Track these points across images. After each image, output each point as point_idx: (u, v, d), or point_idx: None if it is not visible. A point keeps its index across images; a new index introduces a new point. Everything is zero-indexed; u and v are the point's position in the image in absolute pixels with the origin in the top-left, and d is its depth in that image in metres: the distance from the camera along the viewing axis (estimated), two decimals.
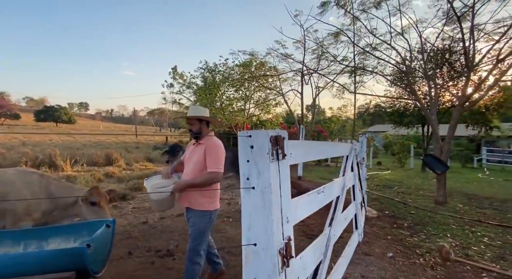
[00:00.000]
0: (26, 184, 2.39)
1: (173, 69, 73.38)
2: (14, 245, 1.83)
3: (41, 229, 2.04)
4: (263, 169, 1.25)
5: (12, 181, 2.37)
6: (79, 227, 2.05)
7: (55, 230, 1.99)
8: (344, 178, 2.55)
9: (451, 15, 6.50)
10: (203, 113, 2.26)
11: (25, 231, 1.96)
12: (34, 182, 2.44)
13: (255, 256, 1.24)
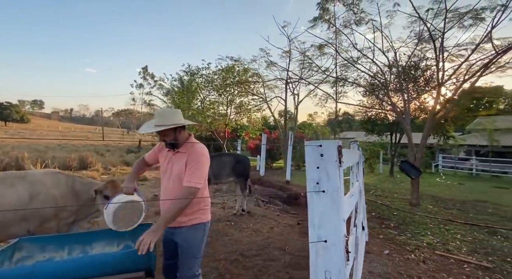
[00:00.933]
0: (55, 184, 2.40)
1: (144, 69, 70.74)
2: (58, 250, 1.78)
3: (84, 233, 1.98)
4: (332, 175, 1.43)
5: (43, 182, 2.35)
6: (118, 234, 2.04)
7: (98, 234, 1.95)
8: (359, 184, 2.82)
9: (422, 37, 7.32)
10: (174, 118, 1.75)
11: (69, 236, 1.91)
12: (61, 182, 2.44)
13: (326, 251, 1.41)
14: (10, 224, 2.20)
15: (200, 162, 1.71)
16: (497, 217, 5.89)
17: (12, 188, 2.25)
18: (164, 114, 1.76)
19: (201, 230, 1.80)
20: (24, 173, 2.42)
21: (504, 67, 6.08)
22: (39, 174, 2.44)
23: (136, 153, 15.85)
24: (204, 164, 1.75)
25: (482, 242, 4.18)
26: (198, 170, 1.69)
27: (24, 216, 2.21)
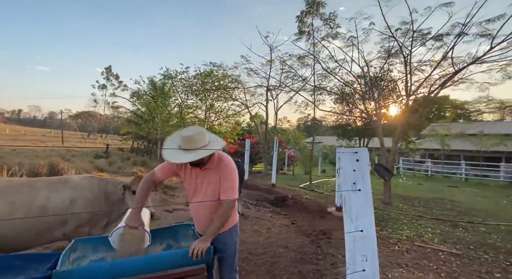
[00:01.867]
0: (91, 189, 2.48)
1: (107, 69, 66.64)
2: (108, 250, 1.84)
3: None
4: (366, 177, 1.74)
5: (82, 187, 2.44)
6: (162, 231, 2.15)
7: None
8: None
9: (391, 53, 8.17)
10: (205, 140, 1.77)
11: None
12: (95, 185, 2.52)
13: (362, 239, 1.70)
14: (53, 227, 2.28)
15: (233, 178, 1.80)
16: (455, 212, 6.78)
17: (57, 193, 2.35)
18: (195, 138, 1.72)
19: (234, 231, 1.96)
20: (65, 179, 2.52)
21: (457, 82, 7.08)
22: (78, 179, 2.53)
23: (107, 159, 15.05)
24: (236, 178, 1.84)
25: (448, 233, 4.84)
26: (233, 187, 1.79)
27: (64, 220, 2.32)
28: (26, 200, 2.22)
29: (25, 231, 2.15)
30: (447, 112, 22.40)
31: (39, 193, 2.30)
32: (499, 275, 3.22)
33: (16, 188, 2.28)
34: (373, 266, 1.68)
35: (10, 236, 2.11)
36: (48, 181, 2.46)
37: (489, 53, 5.71)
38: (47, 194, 2.31)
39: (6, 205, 2.15)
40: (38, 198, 2.27)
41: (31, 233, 2.18)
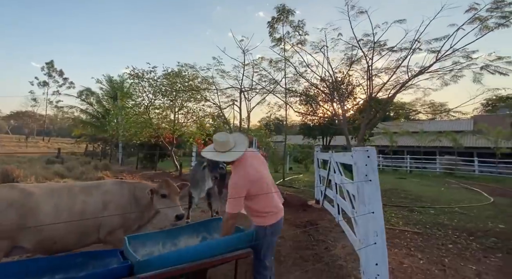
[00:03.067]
0: (121, 194, 2.57)
1: (48, 65, 59.45)
2: (155, 244, 1.98)
3: (170, 230, 2.22)
4: (375, 169, 2.20)
5: (112, 192, 2.54)
6: (197, 225, 2.34)
7: (180, 230, 2.22)
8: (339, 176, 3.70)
9: (354, 60, 9.13)
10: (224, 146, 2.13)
11: (160, 233, 2.12)
12: (126, 191, 2.61)
13: (374, 219, 2.16)
14: (91, 230, 2.38)
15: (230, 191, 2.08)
16: (409, 199, 7.90)
17: (91, 197, 2.46)
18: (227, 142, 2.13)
19: (263, 230, 2.16)
20: (97, 183, 2.65)
21: (408, 87, 8.28)
22: (109, 183, 2.64)
23: (62, 164, 13.75)
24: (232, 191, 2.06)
25: (408, 217, 5.74)
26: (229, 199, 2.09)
27: (99, 224, 2.41)
28: (68, 204, 2.33)
29: (68, 234, 2.27)
30: (392, 112, 25.20)
31: (78, 197, 2.40)
32: (451, 246, 4.03)
33: (59, 192, 2.39)
34: (382, 240, 2.14)
35: (57, 238, 2.22)
36: (84, 185, 2.58)
37: (434, 65, 6.84)
38: (84, 198, 2.42)
39: (52, 207, 2.27)
40: (77, 202, 2.37)
41: (72, 236, 2.29)
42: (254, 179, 2.10)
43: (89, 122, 21.58)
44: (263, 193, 2.14)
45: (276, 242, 3.80)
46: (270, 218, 2.18)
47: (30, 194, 2.29)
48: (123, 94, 14.31)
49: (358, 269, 3.10)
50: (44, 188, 2.46)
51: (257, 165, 2.22)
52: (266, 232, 2.16)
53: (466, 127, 23.15)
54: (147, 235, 2.07)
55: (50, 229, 2.21)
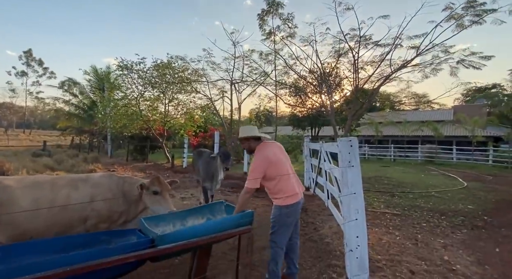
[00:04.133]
0: (110, 187, 2.57)
1: (26, 53, 56.56)
2: (167, 225, 2.26)
3: (179, 212, 2.49)
4: (357, 157, 2.54)
5: (101, 185, 2.55)
6: (200, 208, 2.64)
7: (187, 212, 2.51)
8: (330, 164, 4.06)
9: (341, 53, 9.45)
10: (248, 132, 2.58)
11: (170, 214, 2.39)
12: (113, 184, 2.61)
13: (355, 199, 2.51)
14: (75, 224, 2.43)
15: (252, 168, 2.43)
16: (391, 185, 8.47)
17: (77, 190, 2.48)
18: (245, 129, 2.63)
19: (278, 211, 2.46)
20: (86, 176, 2.64)
21: (394, 80, 8.72)
22: (97, 177, 2.65)
23: (49, 157, 13.58)
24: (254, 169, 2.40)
25: (389, 201, 6.25)
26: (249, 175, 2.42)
27: (85, 217, 2.44)
28: (49, 197, 2.32)
29: (47, 228, 2.24)
30: (378, 103, 25.98)
31: (61, 191, 2.40)
32: (425, 224, 4.53)
33: (41, 186, 2.38)
34: (362, 217, 2.50)
35: (33, 233, 2.21)
36: (71, 178, 2.59)
37: (415, 59, 7.25)
38: (69, 192, 2.41)
39: (31, 202, 2.26)
40: (59, 196, 2.36)
41: (53, 230, 2.26)
42: (272, 161, 2.42)
43: (75, 114, 21.11)
44: (280, 174, 2.44)
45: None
46: (286, 200, 2.44)
47: (6, 187, 2.26)
48: (111, 85, 14.12)
49: (343, 245, 3.52)
50: (26, 181, 2.42)
51: (276, 151, 2.55)
52: (281, 212, 2.43)
53: (446, 117, 24.23)
54: (159, 217, 2.34)
55: (27, 223, 2.18)
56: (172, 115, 13.78)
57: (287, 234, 2.50)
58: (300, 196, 2.55)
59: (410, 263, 3.04)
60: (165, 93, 12.72)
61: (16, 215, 2.15)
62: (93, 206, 2.44)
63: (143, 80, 12.64)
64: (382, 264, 2.99)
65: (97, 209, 2.46)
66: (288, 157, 2.73)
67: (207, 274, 2.62)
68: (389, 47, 7.63)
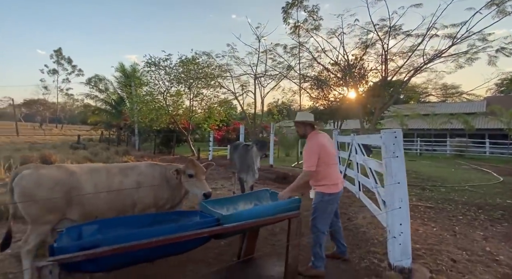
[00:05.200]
0: (154, 175, 2.73)
1: (57, 52, 59.69)
2: (221, 209, 2.48)
3: (231, 197, 2.74)
4: (401, 148, 2.61)
5: (146, 173, 2.72)
6: (248, 195, 2.85)
7: (238, 198, 2.74)
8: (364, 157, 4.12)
9: (368, 44, 9.26)
10: (306, 117, 2.77)
11: (223, 199, 2.65)
12: (157, 172, 2.77)
13: (399, 188, 2.60)
14: (128, 209, 2.62)
15: (306, 153, 2.61)
16: (420, 179, 8.30)
17: (127, 178, 2.67)
18: (301, 114, 2.82)
19: (320, 197, 2.63)
20: (133, 165, 2.85)
21: (424, 71, 8.45)
22: (143, 166, 2.83)
23: (85, 150, 14.50)
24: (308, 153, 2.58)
25: (420, 194, 6.18)
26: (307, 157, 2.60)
27: (134, 203, 2.63)
28: (106, 183, 2.56)
29: (107, 210, 2.52)
30: (402, 95, 24.97)
31: (115, 178, 2.61)
32: (461, 217, 4.48)
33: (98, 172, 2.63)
34: (406, 205, 2.59)
35: (97, 213, 2.49)
36: (121, 167, 2.80)
37: (449, 49, 6.99)
38: (121, 179, 2.62)
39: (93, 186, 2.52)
40: (115, 182, 2.59)
41: (111, 211, 2.51)
42: (324, 148, 2.59)
43: (104, 110, 22.20)
44: (328, 163, 2.61)
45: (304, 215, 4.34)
46: (329, 188, 2.61)
47: (73, 172, 2.51)
48: (139, 81, 14.73)
49: (379, 235, 3.61)
50: (85, 168, 2.66)
51: (326, 141, 2.71)
52: (323, 199, 2.60)
53: (478, 109, 22.93)
54: (215, 201, 2.57)
55: (92, 205, 2.44)
56: (196, 109, 14.19)
57: (328, 221, 2.68)
58: (341, 187, 2.71)
59: (451, 252, 3.08)
60: (190, 88, 13.09)
61: (84, 197, 2.44)
62: (139, 193, 2.62)
63: (169, 76, 13.07)
64: (422, 252, 3.06)
65: (143, 196, 2.64)
66: (333, 146, 2.89)
67: (254, 255, 2.84)
68: (421, 37, 7.39)
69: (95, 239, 1.62)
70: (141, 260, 1.90)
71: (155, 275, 2.51)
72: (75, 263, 1.54)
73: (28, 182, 2.40)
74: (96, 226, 1.99)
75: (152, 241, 1.61)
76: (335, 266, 2.82)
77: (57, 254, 1.49)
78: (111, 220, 2.14)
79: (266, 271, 2.72)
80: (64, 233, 1.79)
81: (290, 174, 7.76)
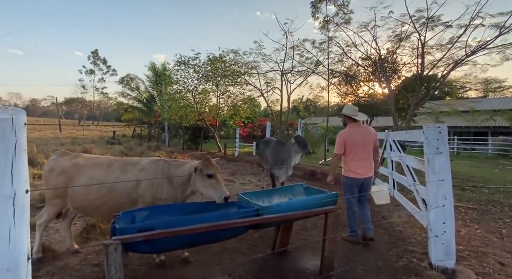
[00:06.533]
0: (155, 172, 2.53)
1: (93, 54, 63.69)
2: (257, 200, 2.54)
3: (267, 190, 2.83)
4: (445, 144, 2.50)
5: (146, 170, 2.55)
6: (284, 189, 2.93)
7: (273, 191, 2.83)
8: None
9: (402, 37, 8.82)
10: (353, 113, 3.27)
11: (259, 192, 2.76)
12: (158, 169, 2.56)
13: (442, 185, 2.49)
14: (123, 207, 2.38)
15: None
16: (459, 179, 7.79)
17: (126, 174, 2.53)
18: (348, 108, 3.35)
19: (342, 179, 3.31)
20: (137, 161, 2.69)
21: (465, 64, 7.89)
22: (145, 162, 2.64)
23: (120, 145, 15.42)
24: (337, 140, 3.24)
25: (460, 195, 5.82)
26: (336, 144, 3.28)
27: (133, 200, 2.48)
28: (101, 178, 2.45)
29: (99, 206, 2.45)
30: (437, 90, 23.46)
31: (112, 173, 2.50)
32: (508, 220, 4.18)
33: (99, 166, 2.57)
34: (450, 203, 2.49)
35: (88, 208, 2.50)
36: (123, 162, 2.68)
37: (495, 39, 6.45)
38: (117, 175, 2.49)
39: (87, 180, 2.48)
40: (109, 178, 2.46)
41: (103, 208, 2.44)
42: (349, 139, 3.16)
43: (136, 107, 23.37)
44: (350, 151, 3.15)
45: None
46: (347, 172, 3.25)
47: (76, 164, 2.52)
48: (169, 80, 15.31)
49: (417, 234, 3.48)
50: (91, 161, 2.62)
51: (357, 134, 3.18)
52: (344, 180, 3.27)
53: None
54: (251, 193, 2.66)
55: (81, 199, 2.41)
56: (222, 107, 14.46)
57: (352, 200, 3.23)
58: (361, 176, 3.19)
59: (498, 255, 2.90)
60: (218, 86, 13.36)
61: (74, 190, 2.43)
62: (137, 191, 2.47)
63: (198, 74, 13.43)
64: (465, 254, 2.91)
65: (141, 194, 2.47)
66: (369, 143, 3.23)
67: (287, 248, 2.89)
68: (463, 28, 6.88)
69: (151, 223, 1.76)
70: (187, 245, 2.03)
71: (194, 263, 2.65)
72: (132, 244, 1.69)
73: (47, 166, 2.68)
74: (147, 212, 2.14)
75: (202, 227, 1.72)
76: (373, 263, 2.78)
77: (119, 234, 1.65)
78: (160, 207, 2.30)
79: (301, 263, 2.75)
80: (120, 217, 1.96)
81: (318, 171, 7.68)
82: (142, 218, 2.08)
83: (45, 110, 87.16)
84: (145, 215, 2.11)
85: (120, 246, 1.54)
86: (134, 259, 2.62)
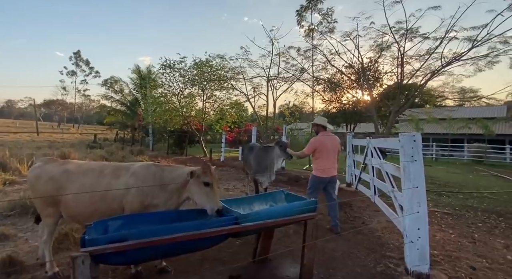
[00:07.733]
0: (146, 178, 2.42)
1: (76, 54, 61.78)
2: (237, 207, 2.51)
3: (247, 197, 2.79)
4: (420, 152, 2.59)
5: (136, 176, 2.43)
6: (264, 196, 2.90)
7: (253, 198, 2.80)
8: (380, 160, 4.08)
9: (383, 47, 9.15)
10: (324, 122, 3.95)
11: (240, 199, 2.71)
12: (150, 174, 2.44)
13: (417, 192, 2.57)
14: (115, 213, 2.34)
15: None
16: (436, 185, 8.10)
17: (117, 180, 2.43)
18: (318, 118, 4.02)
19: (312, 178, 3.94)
20: (128, 166, 2.56)
21: (442, 74, 8.27)
22: (136, 167, 2.53)
23: (101, 149, 14.93)
24: (309, 144, 3.87)
25: (437, 200, 6.03)
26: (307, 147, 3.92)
27: (123, 206, 2.38)
28: (93, 185, 2.38)
29: (91, 214, 2.33)
30: (417, 98, 24.39)
31: (104, 179, 2.41)
32: (480, 224, 4.36)
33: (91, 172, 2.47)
34: (424, 209, 2.57)
35: (80, 217, 2.39)
36: (115, 167, 2.55)
37: (468, 52, 6.82)
38: (109, 181, 2.40)
39: (78, 187, 2.38)
40: (101, 185, 2.38)
41: (96, 216, 2.28)
42: (321, 145, 3.80)
43: (119, 110, 22.79)
44: (321, 155, 3.79)
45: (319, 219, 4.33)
46: (319, 172, 3.83)
47: (67, 170, 2.45)
48: (154, 83, 15.08)
49: (395, 240, 3.56)
50: (82, 167, 2.53)
51: (328, 141, 3.82)
52: (313, 177, 3.91)
53: (498, 114, 22.11)
54: (231, 200, 2.63)
55: (73, 207, 2.35)
56: (208, 111, 14.37)
57: (316, 193, 3.86)
58: (328, 176, 3.82)
59: (470, 259, 3.01)
60: (204, 90, 13.29)
61: (66, 198, 2.36)
62: (126, 197, 2.36)
63: (184, 78, 13.31)
64: (440, 258, 3.00)
65: (129, 201, 2.35)
66: (336, 149, 3.89)
67: (268, 255, 2.88)
68: (439, 40, 7.24)
69: (123, 233, 1.70)
70: (163, 255, 1.97)
71: (172, 273, 2.58)
72: (103, 255, 1.62)
73: (32, 174, 2.52)
74: (121, 221, 2.07)
75: (177, 237, 1.68)
76: (352, 269, 2.81)
77: (88, 246, 1.58)
78: (135, 215, 2.22)
79: (282, 271, 2.74)
80: (92, 227, 1.88)
81: (302, 176, 7.74)
82: (116, 228, 2.00)
83: (22, 112, 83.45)
84: (119, 225, 2.03)
85: (88, 259, 1.48)
86: (108, 270, 2.52)
